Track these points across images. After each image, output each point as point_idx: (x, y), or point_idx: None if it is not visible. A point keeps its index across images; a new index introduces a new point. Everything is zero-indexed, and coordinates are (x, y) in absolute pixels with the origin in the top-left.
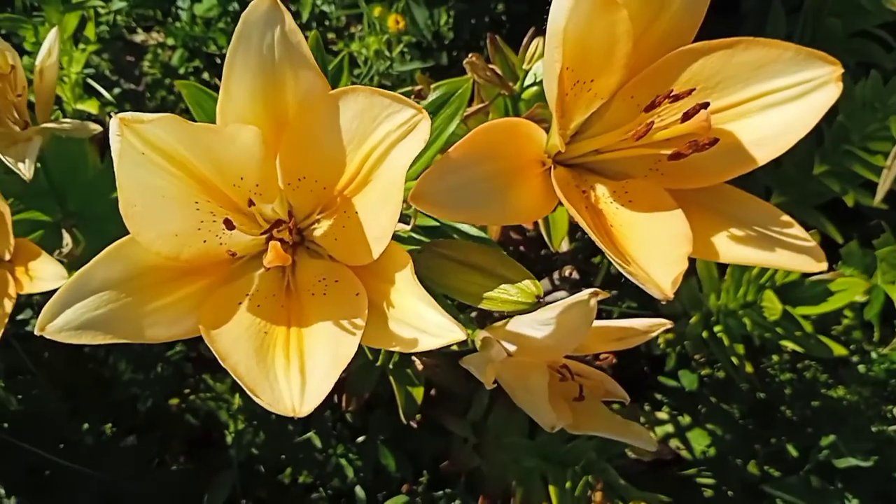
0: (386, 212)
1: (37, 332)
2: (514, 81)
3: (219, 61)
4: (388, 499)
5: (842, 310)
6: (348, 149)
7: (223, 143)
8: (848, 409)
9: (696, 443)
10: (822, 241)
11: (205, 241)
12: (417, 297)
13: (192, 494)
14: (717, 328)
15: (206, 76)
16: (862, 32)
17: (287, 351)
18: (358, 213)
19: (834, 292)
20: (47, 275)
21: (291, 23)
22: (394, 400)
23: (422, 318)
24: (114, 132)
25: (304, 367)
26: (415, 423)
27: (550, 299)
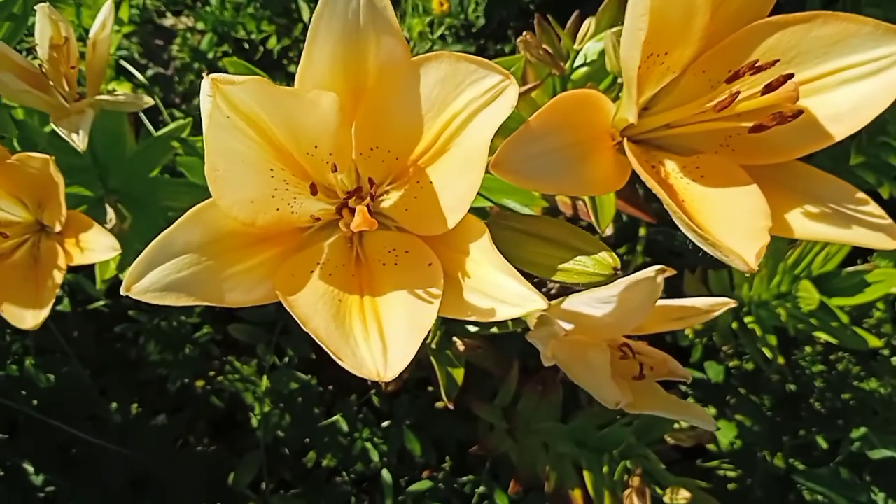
0: (466, 180)
1: (123, 292)
2: (563, 62)
3: (247, 46)
4: (411, 483)
5: (874, 302)
6: (426, 117)
7: (303, 109)
8: (879, 401)
9: (723, 435)
10: None
11: (278, 209)
12: (495, 266)
13: (217, 474)
14: (747, 319)
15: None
16: None
17: (364, 317)
18: (432, 182)
19: (870, 283)
20: (99, 246)
21: None
22: (420, 385)
23: (500, 288)
24: (205, 93)
25: (382, 332)
26: (451, 405)
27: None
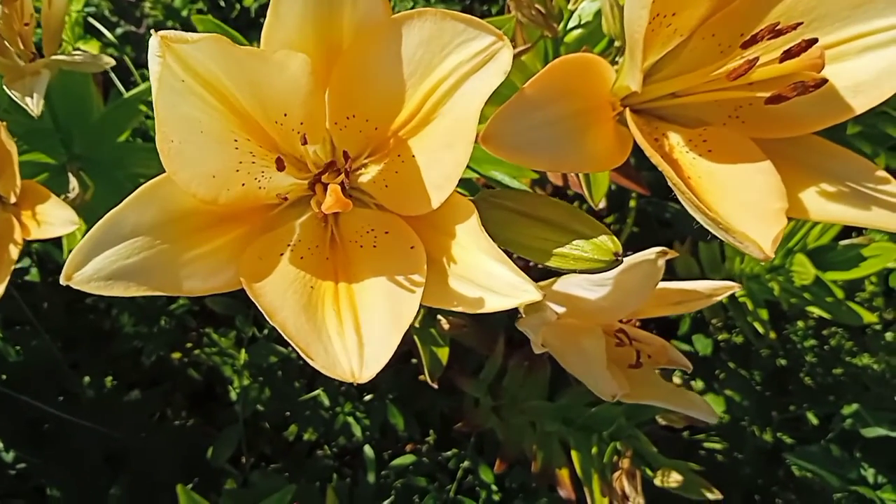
0: (452, 155)
1: (63, 281)
2: (556, 23)
3: (223, 4)
4: (394, 458)
5: (867, 277)
6: (409, 82)
7: (269, 72)
8: (872, 377)
9: None
10: None
11: (243, 185)
12: (485, 252)
13: (195, 449)
14: (738, 293)
15: None
16: None
17: (338, 308)
18: (415, 156)
19: (866, 258)
20: (56, 219)
21: None
22: (403, 359)
23: (490, 276)
24: (154, 53)
25: (359, 325)
26: (435, 385)
27: None
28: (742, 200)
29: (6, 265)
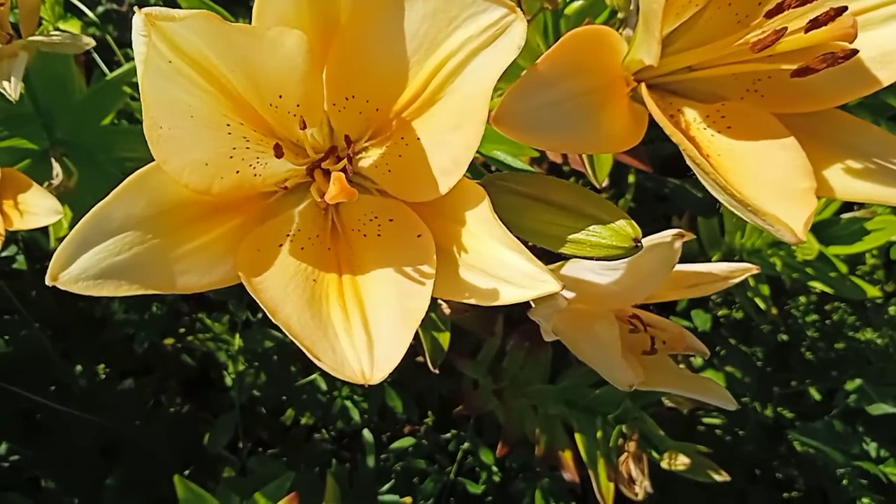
0: (461, 137)
1: (48, 282)
2: None
3: None
4: (393, 441)
5: (869, 250)
6: (412, 59)
7: (262, 51)
8: (875, 352)
9: None
10: None
11: (238, 172)
12: (498, 241)
13: (191, 436)
14: None
15: None
16: None
17: (343, 302)
18: (420, 139)
19: (869, 231)
20: (40, 209)
21: None
22: None
23: (504, 266)
24: (138, 32)
25: (367, 321)
26: (436, 370)
27: None
28: (766, 179)
29: None
